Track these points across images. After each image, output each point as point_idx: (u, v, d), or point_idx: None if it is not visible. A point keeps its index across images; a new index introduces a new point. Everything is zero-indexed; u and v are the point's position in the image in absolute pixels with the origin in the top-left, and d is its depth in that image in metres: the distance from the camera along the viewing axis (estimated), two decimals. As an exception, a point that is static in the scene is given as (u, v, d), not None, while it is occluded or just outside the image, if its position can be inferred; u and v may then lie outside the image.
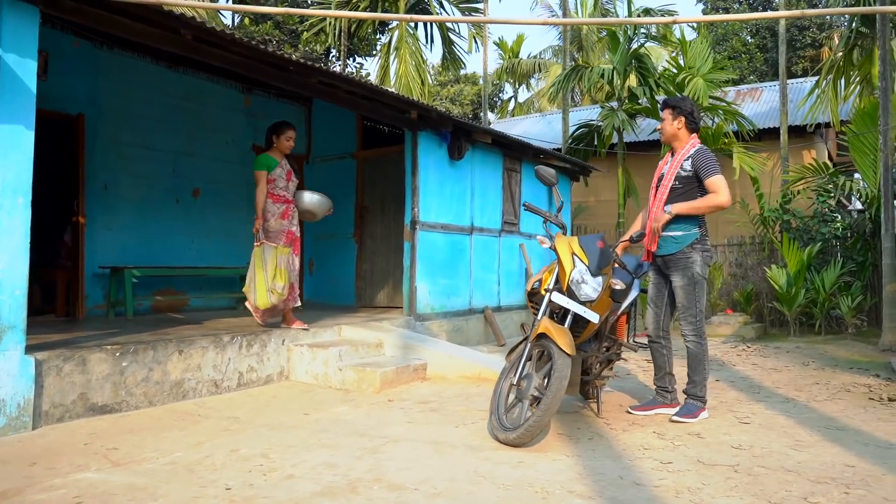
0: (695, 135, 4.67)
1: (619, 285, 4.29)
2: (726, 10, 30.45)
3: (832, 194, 10.61)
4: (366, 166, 9.91)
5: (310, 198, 6.49)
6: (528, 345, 4.09)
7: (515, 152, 9.89)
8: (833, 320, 9.92)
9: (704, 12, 31.69)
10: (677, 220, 4.49)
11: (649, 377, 5.53)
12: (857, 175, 17.43)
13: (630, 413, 4.67)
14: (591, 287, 4.09)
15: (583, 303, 4.09)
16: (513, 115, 28.63)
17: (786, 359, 7.44)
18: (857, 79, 11.52)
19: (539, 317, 4.14)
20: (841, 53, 11.56)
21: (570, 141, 13.74)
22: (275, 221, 6.18)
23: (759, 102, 15.36)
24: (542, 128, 18.35)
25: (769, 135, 12.96)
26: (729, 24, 29.31)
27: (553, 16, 25.56)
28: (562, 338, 3.88)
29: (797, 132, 12.95)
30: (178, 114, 8.50)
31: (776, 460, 3.57)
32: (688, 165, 4.49)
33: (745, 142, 11.89)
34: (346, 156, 10.02)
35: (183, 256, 8.47)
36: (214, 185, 8.92)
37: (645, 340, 4.92)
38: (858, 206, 13.78)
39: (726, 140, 11.36)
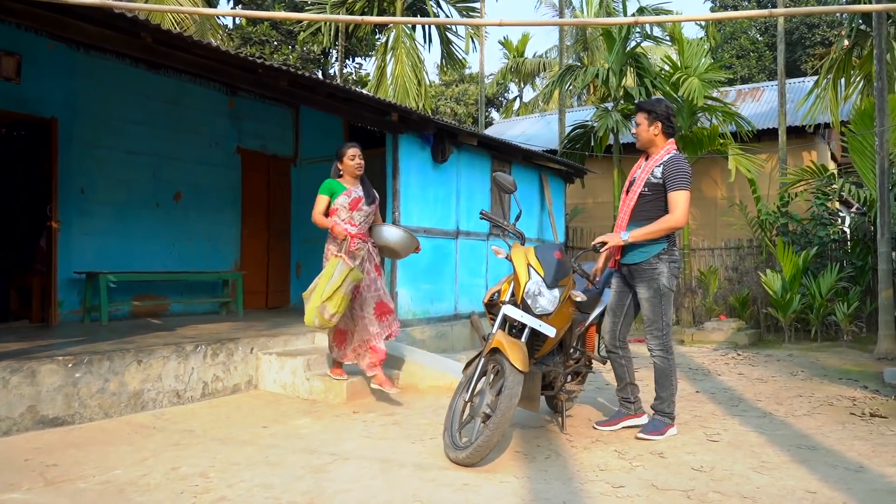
0: (671, 140, 4.47)
1: (579, 297, 4.11)
2: (735, 9, 30.05)
3: (830, 197, 10.35)
4: (352, 169, 9.75)
5: (391, 234, 5.30)
6: (482, 360, 3.93)
7: (504, 154, 9.72)
8: (829, 327, 9.66)
9: (713, 10, 31.32)
10: (640, 226, 4.31)
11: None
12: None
13: (596, 429, 4.49)
14: (548, 300, 3.91)
15: (539, 316, 3.93)
16: (518, 115, 28.41)
17: (774, 368, 7.22)
18: (858, 78, 11.24)
19: (493, 330, 3.99)
20: (843, 52, 11.29)
21: (566, 142, 13.54)
22: (333, 258, 5.15)
23: (759, 102, 15.05)
24: (540, 128, 18.13)
25: (769, 135, 12.67)
26: (738, 23, 28.92)
27: (556, 15, 25.29)
28: (514, 353, 3.72)
29: (798, 133, 12.67)
30: (159, 116, 8.40)
31: (735, 485, 3.39)
32: (658, 172, 4.29)
33: (743, 143, 11.65)
34: (332, 158, 9.84)
35: (163, 261, 8.37)
36: (197, 188, 8.81)
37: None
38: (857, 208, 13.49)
39: (722, 141, 11.12)
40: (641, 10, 11.61)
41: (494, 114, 32.87)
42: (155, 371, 5.20)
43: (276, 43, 17.36)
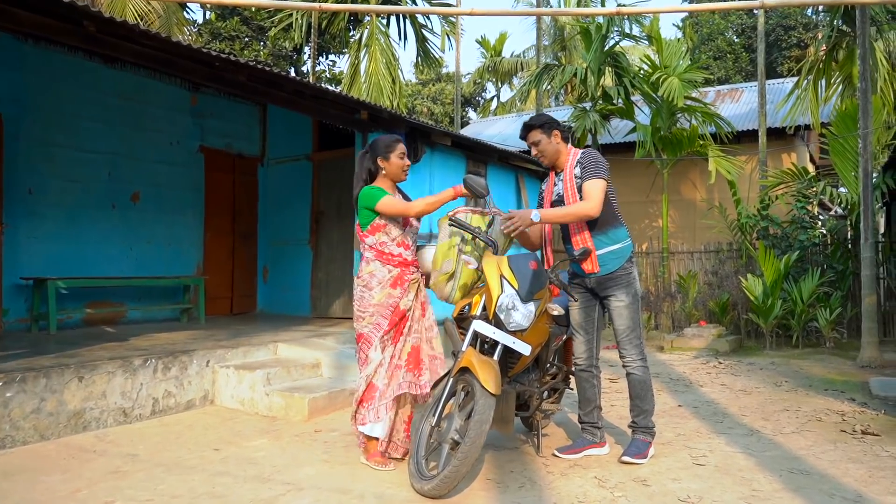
0: (570, 146, 4.20)
1: (556, 311, 3.79)
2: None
3: (811, 200, 10.16)
4: (322, 169, 9.39)
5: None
6: (450, 380, 3.60)
7: (479, 154, 9.40)
8: (810, 332, 9.47)
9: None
10: (610, 231, 4.00)
11: (609, 406, 4.91)
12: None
13: (557, 456, 4.12)
14: (522, 314, 3.58)
15: (513, 332, 3.60)
16: (495, 115, 28.14)
17: (758, 378, 6.98)
18: (839, 79, 11.09)
19: (463, 347, 3.65)
20: (822, 53, 11.13)
21: (543, 142, 13.22)
22: (379, 291, 3.87)
23: (738, 103, 14.89)
24: (517, 128, 17.76)
25: (749, 137, 12.49)
26: (714, 24, 28.94)
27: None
28: (486, 373, 3.39)
29: (777, 134, 12.51)
30: (116, 113, 7.96)
31: (725, 519, 3.09)
32: (578, 171, 4.00)
33: (723, 144, 11.44)
34: (301, 157, 9.51)
35: (120, 265, 7.93)
36: (156, 188, 8.37)
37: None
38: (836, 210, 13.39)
39: (702, 142, 10.89)
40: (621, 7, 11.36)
41: (472, 113, 32.61)
42: (98, 388, 4.80)
43: (246, 39, 16.88)
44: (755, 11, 29.22)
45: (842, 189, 13.38)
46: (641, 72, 11.54)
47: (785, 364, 7.85)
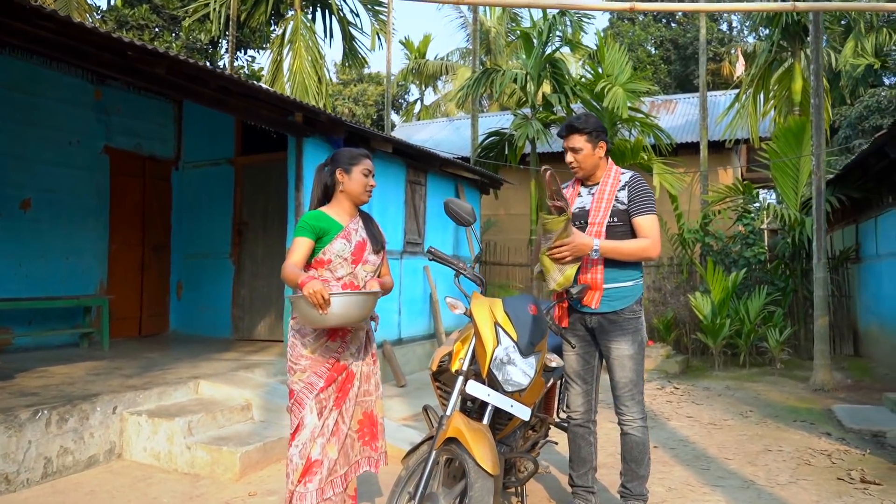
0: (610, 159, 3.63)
1: (555, 363, 3.19)
2: (633, 22, 30.60)
3: (753, 215, 10.05)
4: (246, 174, 8.48)
5: (350, 306, 2.89)
6: (433, 452, 2.91)
7: (420, 162, 8.73)
8: (755, 349, 9.30)
9: (606, 31, 31.83)
10: (626, 265, 3.42)
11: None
12: (763, 193, 17.37)
13: None
14: (521, 371, 2.94)
15: (510, 392, 2.95)
16: (419, 119, 27.52)
17: (720, 406, 6.63)
18: (776, 95, 11.09)
19: (448, 411, 2.97)
20: (763, 67, 11.09)
21: (479, 150, 12.72)
22: (314, 340, 3.11)
23: (674, 115, 14.86)
24: (449, 133, 17.29)
25: (686, 149, 12.39)
26: (635, 34, 29.42)
27: (461, 17, 24.66)
28: (481, 448, 2.73)
29: (715, 148, 12.47)
30: (2, 106, 6.81)
31: None
32: (624, 196, 3.42)
33: (661, 156, 11.22)
34: (221, 161, 8.56)
35: (6, 284, 6.76)
36: (52, 194, 7.24)
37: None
38: (769, 224, 13.49)
39: (646, 156, 10.62)
40: (563, 13, 10.96)
41: (395, 116, 31.88)
42: (-28, 452, 3.84)
43: (157, 29, 15.54)
44: (673, 24, 29.95)
45: (771, 200, 13.53)
46: (583, 79, 11.19)
47: (739, 388, 7.58)
